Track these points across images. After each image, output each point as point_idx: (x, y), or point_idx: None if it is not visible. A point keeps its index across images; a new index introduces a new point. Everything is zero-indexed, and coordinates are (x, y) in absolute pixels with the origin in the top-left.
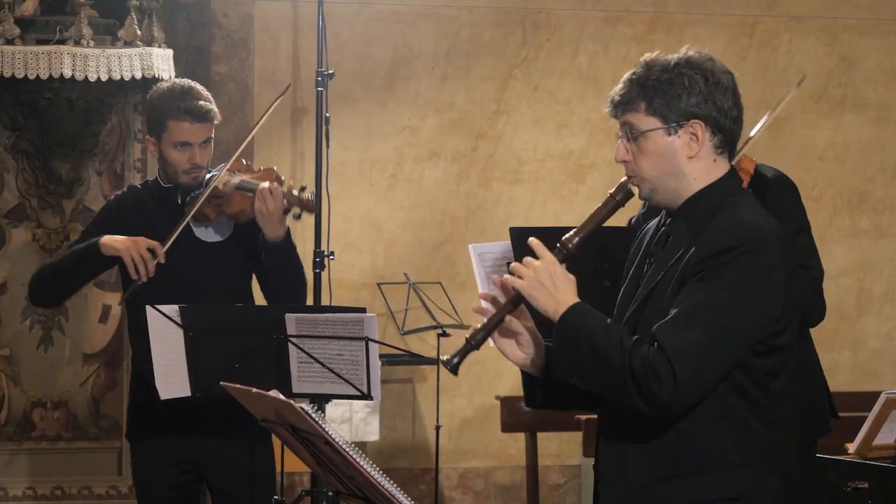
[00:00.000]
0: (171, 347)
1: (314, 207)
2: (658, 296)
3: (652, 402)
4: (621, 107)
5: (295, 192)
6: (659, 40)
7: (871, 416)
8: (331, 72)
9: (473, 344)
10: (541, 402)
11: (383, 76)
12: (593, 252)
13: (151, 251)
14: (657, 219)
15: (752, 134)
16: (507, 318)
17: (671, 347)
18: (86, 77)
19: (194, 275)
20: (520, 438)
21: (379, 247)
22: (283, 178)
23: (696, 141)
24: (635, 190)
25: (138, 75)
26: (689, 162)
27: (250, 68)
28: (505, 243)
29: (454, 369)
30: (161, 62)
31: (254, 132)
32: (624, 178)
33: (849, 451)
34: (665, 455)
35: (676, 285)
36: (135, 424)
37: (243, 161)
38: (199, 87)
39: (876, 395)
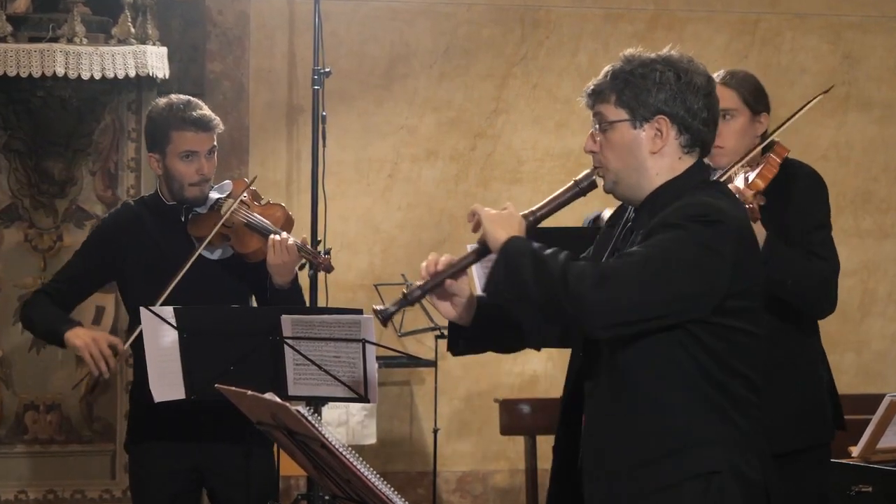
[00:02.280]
0: (166, 350)
1: (330, 268)
2: None
3: (575, 303)
4: (594, 96)
5: (309, 248)
6: (660, 38)
7: (875, 418)
8: (327, 70)
9: (409, 299)
10: (463, 348)
11: (380, 74)
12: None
13: (113, 348)
14: (624, 217)
15: (773, 137)
16: (448, 281)
17: (608, 266)
18: (79, 75)
19: (194, 291)
20: (519, 441)
21: (376, 247)
22: (292, 217)
23: (660, 137)
24: (600, 182)
25: (132, 73)
26: (651, 157)
27: (245, 66)
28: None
29: (385, 320)
30: (155, 60)
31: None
32: (590, 169)
33: (853, 455)
34: (643, 441)
35: None
36: (135, 430)
37: (245, 180)
38: (196, 99)
39: (880, 397)
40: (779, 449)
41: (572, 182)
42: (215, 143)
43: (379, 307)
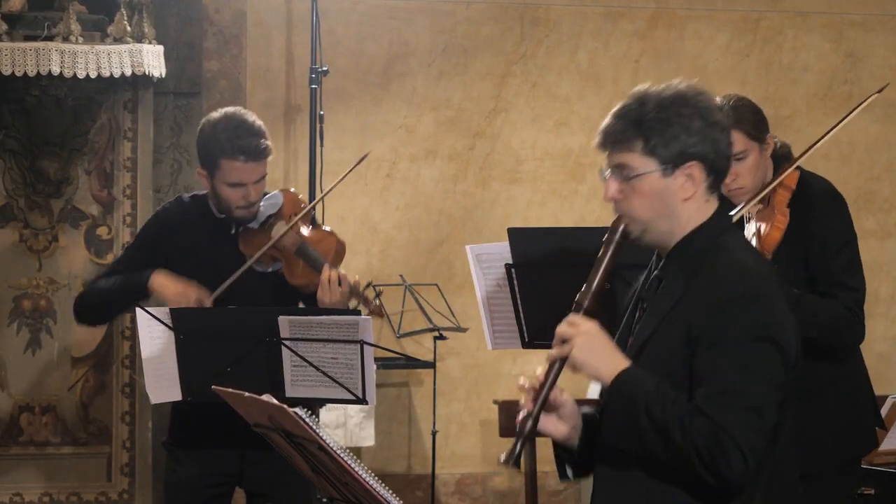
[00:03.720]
0: (162, 351)
1: (382, 314)
2: (655, 346)
3: (723, 480)
4: (615, 145)
5: (361, 291)
6: (660, 36)
7: None
8: (325, 69)
9: (527, 434)
10: (583, 473)
11: (378, 73)
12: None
13: (200, 304)
14: (649, 266)
15: (817, 143)
16: (552, 395)
17: (728, 424)
18: (74, 74)
19: (245, 302)
20: None
21: (374, 248)
22: (344, 245)
23: (692, 182)
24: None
25: (128, 72)
26: (683, 204)
27: (243, 65)
28: (503, 244)
29: (517, 464)
30: (151, 59)
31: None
32: (615, 219)
33: None
34: (665, 494)
35: (680, 334)
36: (175, 431)
37: (292, 191)
38: (251, 118)
39: (883, 399)
40: (819, 466)
41: (605, 241)
42: (266, 171)
43: (503, 457)
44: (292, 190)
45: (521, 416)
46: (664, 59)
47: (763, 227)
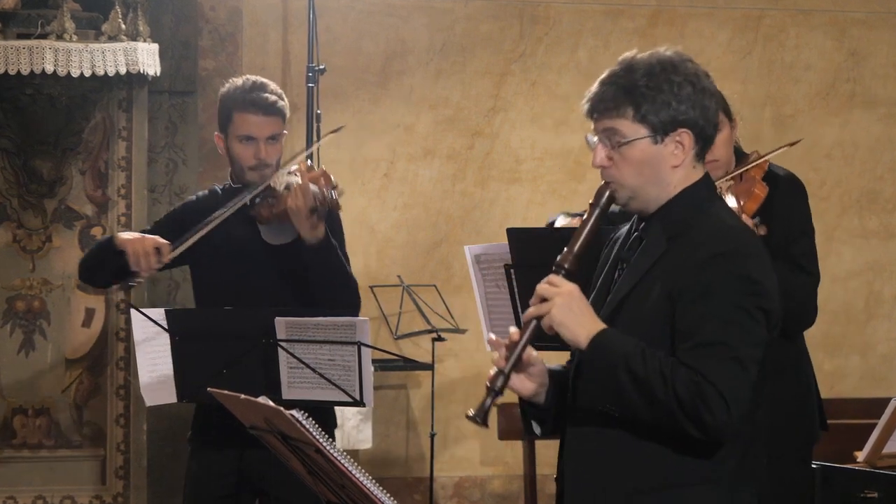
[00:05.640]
0: (157, 352)
1: (337, 205)
2: (635, 302)
3: (706, 430)
4: (605, 111)
5: (323, 190)
6: (661, 34)
7: (881, 423)
8: (322, 67)
9: (497, 390)
10: (551, 431)
11: (376, 72)
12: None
13: (157, 249)
14: (627, 225)
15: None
16: (525, 354)
17: (710, 372)
18: (68, 72)
19: (259, 277)
20: (517, 446)
21: (371, 248)
22: (332, 179)
23: (681, 149)
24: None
25: (122, 71)
26: (672, 171)
27: (238, 64)
28: (502, 245)
29: (485, 422)
30: (146, 57)
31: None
32: (602, 184)
33: (858, 460)
34: (640, 467)
35: (661, 292)
36: (198, 428)
37: (308, 161)
38: (271, 83)
39: (886, 401)
40: (771, 452)
41: (590, 206)
42: (282, 129)
43: (471, 413)
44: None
45: (492, 372)
46: None
47: (742, 197)
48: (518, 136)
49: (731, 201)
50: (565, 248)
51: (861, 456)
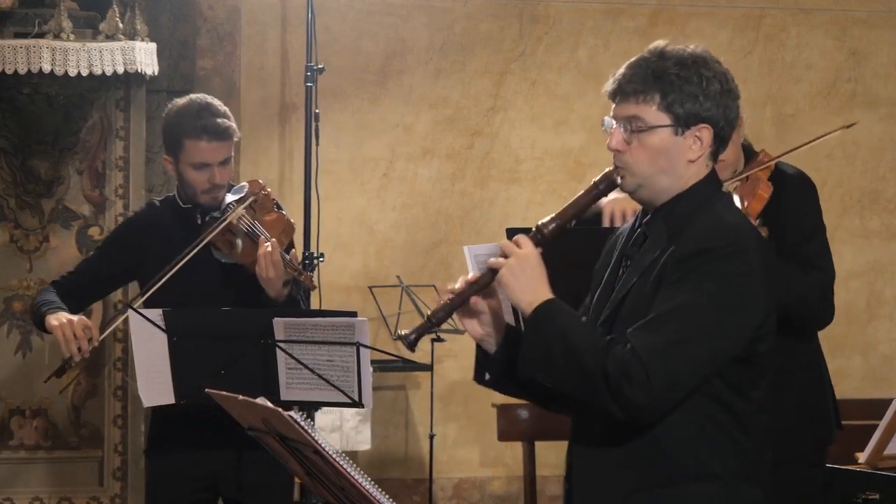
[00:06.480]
0: (155, 353)
1: (312, 287)
2: (634, 298)
3: (625, 406)
4: (631, 94)
5: (296, 264)
6: (662, 34)
7: (883, 424)
8: (320, 66)
9: (434, 322)
10: (490, 383)
11: (375, 71)
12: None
13: (88, 333)
14: (632, 221)
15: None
16: (472, 299)
17: (644, 350)
18: (66, 72)
19: (213, 295)
20: (517, 447)
21: (370, 248)
22: (293, 226)
23: (699, 145)
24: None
25: (120, 70)
26: (687, 165)
27: (237, 63)
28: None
29: (411, 346)
30: (144, 56)
31: None
32: (609, 169)
33: (859, 461)
34: (643, 465)
35: (654, 286)
36: (154, 437)
37: (260, 181)
38: (216, 102)
39: (887, 402)
40: (784, 454)
41: (591, 184)
42: (231, 153)
43: (403, 332)
44: (261, 181)
45: (437, 305)
46: None
47: (746, 197)
48: (518, 135)
49: (735, 202)
50: (549, 216)
51: (862, 457)
